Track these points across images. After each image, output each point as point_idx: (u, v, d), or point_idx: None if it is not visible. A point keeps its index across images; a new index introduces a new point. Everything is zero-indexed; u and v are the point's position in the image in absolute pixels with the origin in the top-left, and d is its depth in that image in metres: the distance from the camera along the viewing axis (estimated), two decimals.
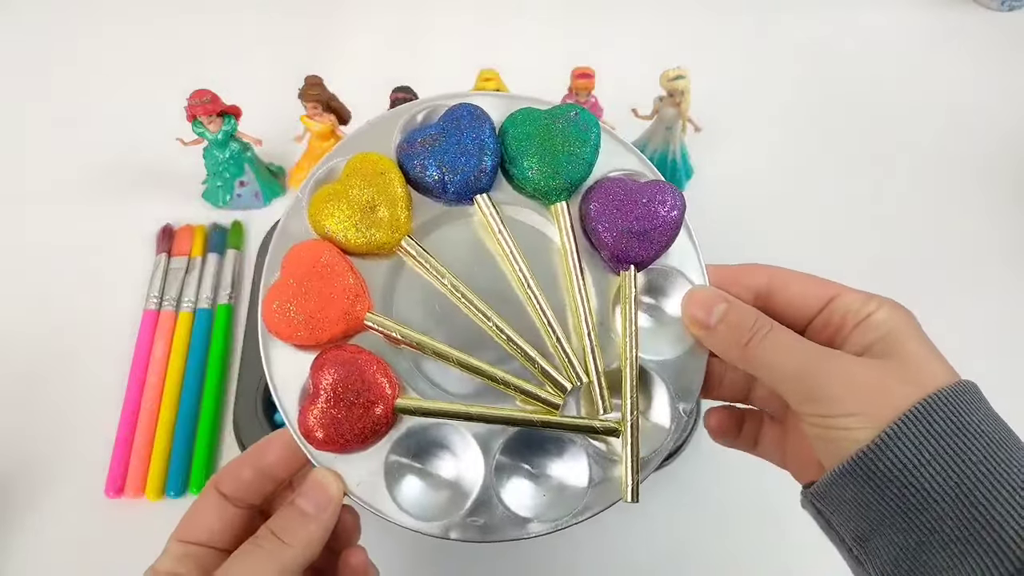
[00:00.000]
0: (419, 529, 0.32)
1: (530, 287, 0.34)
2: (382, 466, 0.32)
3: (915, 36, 0.78)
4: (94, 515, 0.51)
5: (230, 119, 0.59)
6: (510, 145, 0.35)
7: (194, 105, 0.56)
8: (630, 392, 0.33)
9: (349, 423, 0.31)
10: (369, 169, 0.34)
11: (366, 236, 0.33)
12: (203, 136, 0.59)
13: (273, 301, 0.32)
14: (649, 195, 0.35)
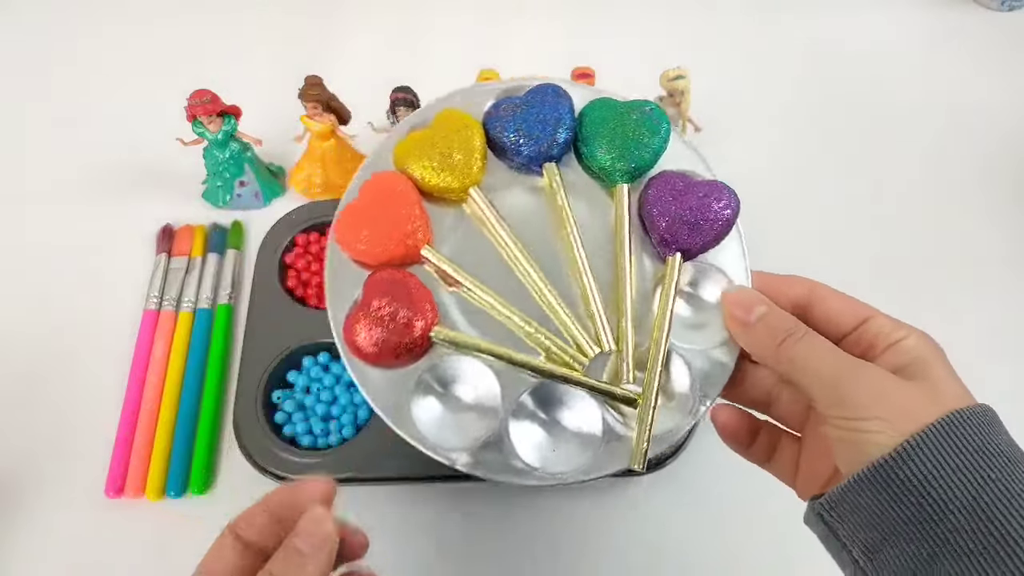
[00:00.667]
0: (431, 452, 0.34)
1: (580, 254, 0.36)
2: (407, 387, 0.35)
3: (915, 36, 0.78)
4: (94, 515, 0.51)
5: (230, 119, 0.59)
6: (586, 126, 0.38)
7: (194, 105, 0.56)
8: (657, 367, 0.34)
9: (388, 335, 0.34)
10: (455, 122, 0.38)
11: (439, 178, 0.37)
12: (203, 136, 0.59)
13: (347, 215, 0.36)
14: (706, 190, 0.37)
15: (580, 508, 0.51)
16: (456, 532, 0.51)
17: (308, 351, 0.55)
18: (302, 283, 0.58)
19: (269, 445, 0.51)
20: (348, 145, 0.62)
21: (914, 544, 0.28)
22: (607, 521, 0.51)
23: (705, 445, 0.53)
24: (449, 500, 0.52)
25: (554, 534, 0.51)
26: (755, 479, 0.52)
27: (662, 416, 0.35)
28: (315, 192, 0.63)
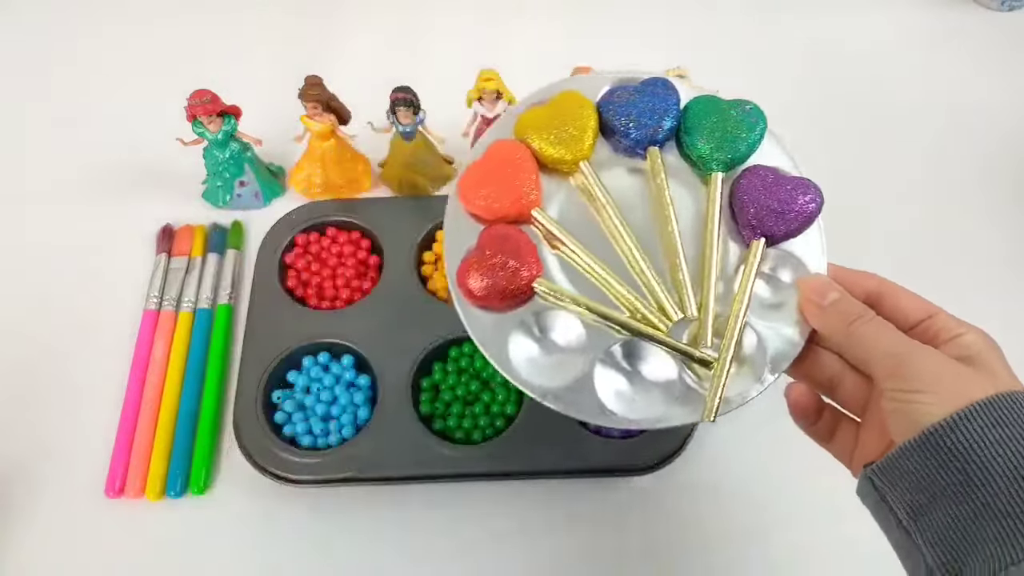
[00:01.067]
0: (524, 387, 0.38)
1: (675, 229, 0.40)
2: (510, 328, 0.39)
3: (915, 36, 0.78)
4: (94, 515, 0.51)
5: (230, 119, 0.59)
6: (690, 118, 0.42)
7: (194, 105, 0.56)
8: (734, 335, 0.38)
9: (496, 280, 0.38)
10: (572, 103, 0.42)
11: (554, 150, 0.41)
12: (203, 136, 0.59)
13: (470, 173, 0.41)
14: (794, 184, 0.40)
15: (581, 507, 0.51)
16: (456, 531, 0.51)
17: (308, 351, 0.55)
18: (302, 283, 0.58)
19: (269, 445, 0.51)
20: (348, 145, 0.62)
21: (957, 505, 0.30)
22: (608, 520, 0.51)
23: (706, 445, 0.54)
24: (449, 499, 0.52)
25: (554, 533, 0.51)
26: (756, 479, 0.53)
27: (733, 380, 0.38)
28: (315, 192, 0.63)
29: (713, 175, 0.41)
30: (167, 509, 0.51)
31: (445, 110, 0.60)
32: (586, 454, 0.50)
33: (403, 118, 0.58)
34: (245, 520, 0.51)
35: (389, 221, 0.61)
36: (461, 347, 0.55)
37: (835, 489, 0.53)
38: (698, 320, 0.39)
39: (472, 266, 0.39)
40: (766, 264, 0.40)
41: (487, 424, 0.52)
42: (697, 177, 0.42)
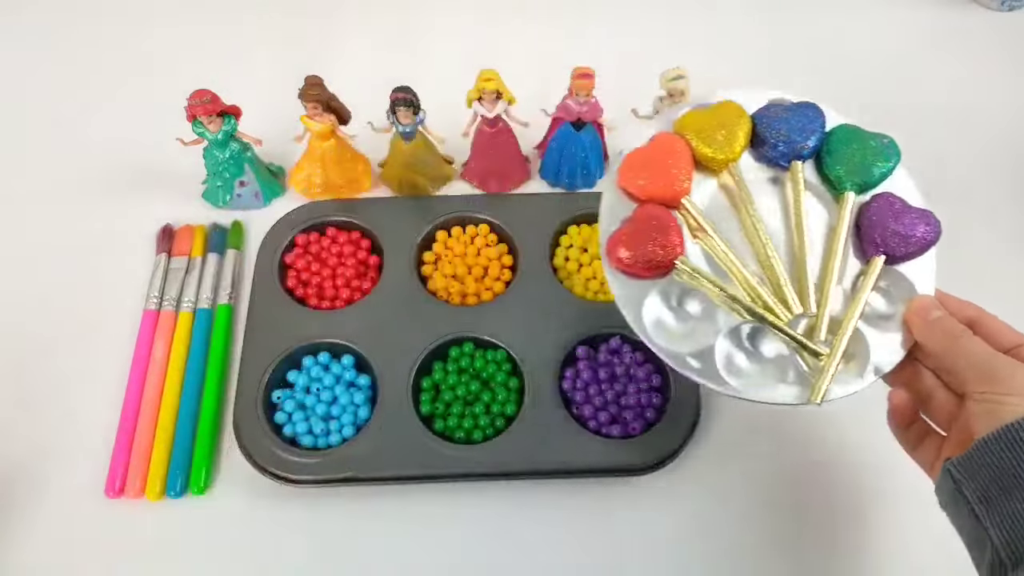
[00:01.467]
0: (659, 351, 0.43)
1: (805, 235, 0.45)
2: (651, 298, 0.44)
3: (915, 36, 0.78)
4: (94, 515, 0.51)
5: (230, 119, 0.59)
6: (833, 142, 0.48)
7: (194, 105, 0.56)
8: (847, 333, 0.43)
9: (643, 249, 0.43)
10: (730, 111, 0.48)
11: (708, 149, 0.46)
12: (203, 136, 0.59)
13: (633, 157, 0.47)
14: (919, 214, 0.46)
15: (581, 506, 0.52)
16: (456, 531, 0.51)
17: (308, 351, 0.55)
18: (302, 283, 0.58)
19: (269, 445, 0.51)
20: (348, 145, 0.62)
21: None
22: (608, 520, 0.51)
23: (706, 444, 0.54)
24: (449, 499, 0.52)
25: (554, 532, 0.51)
26: (755, 478, 0.53)
27: (840, 374, 0.43)
28: (315, 192, 0.63)
29: (846, 194, 0.46)
30: (167, 509, 0.51)
31: (445, 110, 0.60)
32: (586, 454, 0.50)
33: (403, 118, 0.58)
34: (245, 520, 0.51)
35: (389, 221, 0.61)
36: (461, 347, 0.55)
37: (834, 489, 0.53)
38: (816, 316, 0.44)
39: (624, 236, 0.44)
40: (882, 280, 0.45)
41: (487, 424, 0.52)
42: (829, 194, 0.48)
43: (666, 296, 0.45)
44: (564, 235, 0.61)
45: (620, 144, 0.66)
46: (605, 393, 0.53)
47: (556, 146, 0.62)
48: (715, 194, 0.48)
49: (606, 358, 0.55)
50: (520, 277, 0.58)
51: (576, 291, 0.58)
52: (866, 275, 0.45)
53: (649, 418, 0.52)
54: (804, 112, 0.48)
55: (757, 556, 0.51)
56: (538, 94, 0.59)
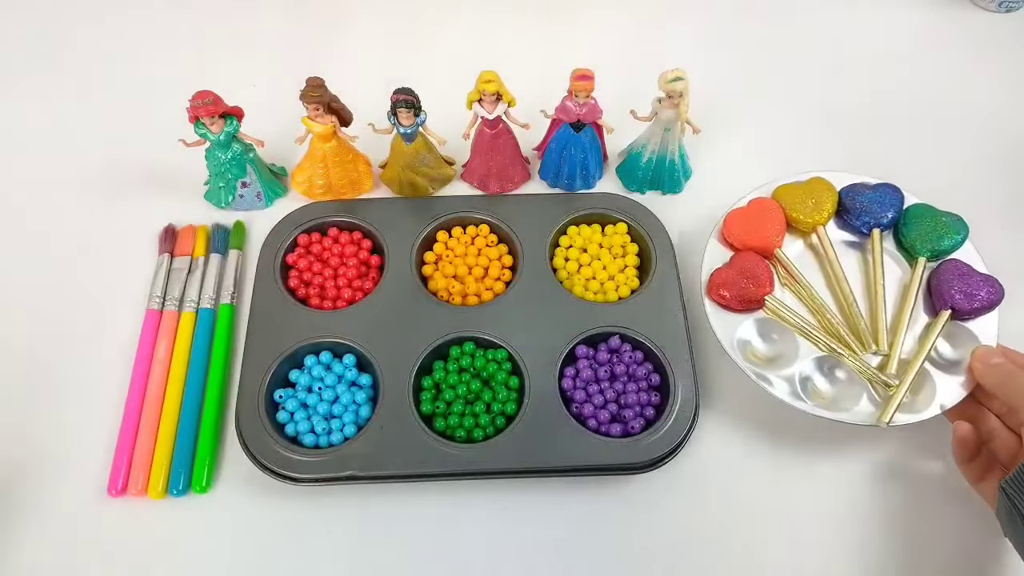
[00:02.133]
0: (749, 372, 0.52)
1: (882, 290, 0.56)
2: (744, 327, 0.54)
3: (914, 37, 0.78)
4: (97, 514, 0.51)
5: (232, 120, 0.59)
6: (910, 216, 0.58)
7: (196, 107, 0.57)
8: (915, 369, 0.52)
9: (740, 288, 0.54)
10: (820, 185, 0.60)
11: (799, 214, 0.58)
12: (205, 137, 0.59)
13: (736, 214, 0.58)
14: (984, 279, 0.55)
15: (581, 504, 0.52)
16: (456, 529, 0.51)
17: (310, 350, 0.55)
18: (304, 283, 0.59)
19: (271, 444, 0.51)
20: (350, 146, 0.62)
21: None
22: (607, 518, 0.52)
23: (705, 445, 0.54)
24: (449, 498, 0.52)
25: (554, 530, 0.51)
26: (754, 478, 0.53)
27: (908, 405, 0.51)
28: (317, 193, 0.63)
29: (920, 259, 0.57)
30: (170, 508, 0.52)
31: (446, 112, 0.60)
32: (586, 453, 0.51)
33: (404, 119, 0.58)
34: (247, 518, 0.51)
35: (390, 222, 0.61)
36: (462, 346, 0.55)
37: (833, 487, 0.53)
38: (888, 355, 0.53)
39: (723, 276, 0.55)
40: (950, 332, 0.54)
41: (488, 423, 0.52)
42: (904, 259, 0.58)
43: (757, 328, 0.54)
44: (564, 235, 0.61)
45: (619, 145, 0.66)
46: (605, 392, 0.53)
47: (556, 147, 0.62)
48: (803, 252, 0.59)
49: (606, 357, 0.55)
50: (520, 277, 0.58)
51: (576, 291, 0.58)
52: (934, 324, 0.54)
53: (649, 417, 0.53)
54: (885, 190, 0.58)
55: (758, 554, 0.51)
56: (538, 95, 0.60)
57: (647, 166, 0.64)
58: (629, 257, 0.61)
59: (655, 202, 0.63)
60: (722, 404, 0.55)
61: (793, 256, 0.58)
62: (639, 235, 0.61)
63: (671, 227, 0.61)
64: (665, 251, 0.59)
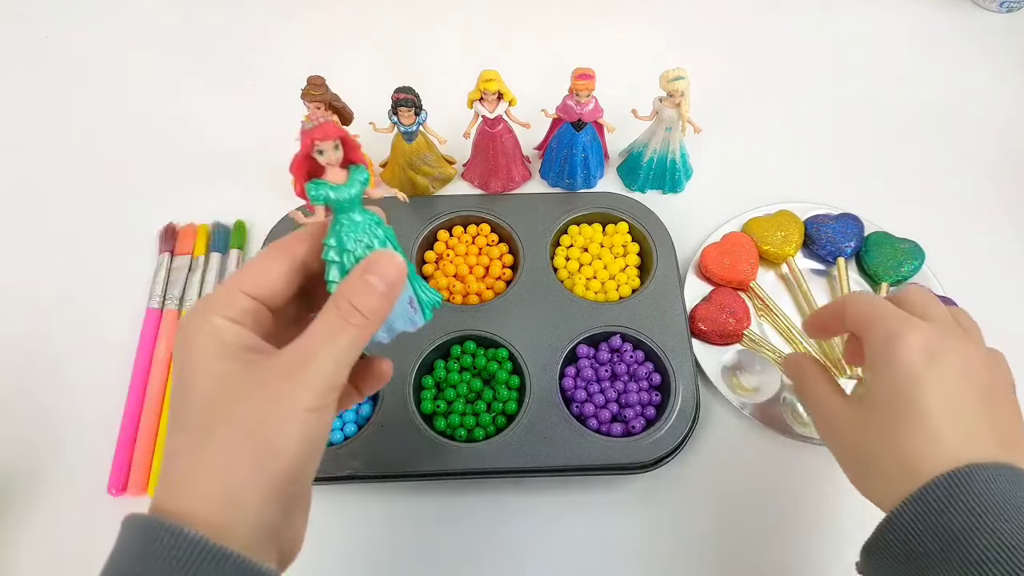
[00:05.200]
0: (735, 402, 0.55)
1: None
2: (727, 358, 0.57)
3: (915, 36, 0.78)
4: (97, 513, 0.51)
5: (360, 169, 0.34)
6: (871, 244, 0.61)
7: (315, 134, 0.33)
8: None
9: (719, 323, 0.57)
10: (787, 218, 0.62)
11: (771, 246, 0.61)
12: (326, 201, 0.33)
13: (711, 249, 0.60)
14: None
15: (582, 504, 0.52)
16: (457, 528, 0.51)
17: None
18: None
19: None
20: None
21: None
22: (607, 518, 0.52)
23: (703, 444, 0.54)
24: (450, 497, 0.52)
25: (554, 530, 0.51)
26: (754, 478, 0.53)
27: None
28: None
29: (883, 284, 0.59)
30: None
31: (446, 111, 0.60)
32: (587, 452, 0.51)
33: (405, 118, 0.58)
34: None
35: (391, 221, 0.60)
36: (463, 345, 0.55)
37: (832, 487, 0.53)
38: (861, 378, 0.54)
39: (703, 312, 0.57)
40: None
41: (489, 422, 0.52)
42: (869, 286, 0.60)
43: (738, 359, 0.57)
44: (565, 235, 0.61)
45: (620, 144, 0.66)
46: (606, 391, 0.53)
47: (556, 146, 0.62)
48: (775, 282, 0.61)
49: (607, 356, 0.55)
50: (521, 276, 0.58)
51: (577, 291, 0.58)
52: None
53: (650, 416, 0.53)
54: (846, 221, 0.61)
55: (758, 553, 0.51)
56: (539, 95, 0.60)
57: (648, 165, 0.64)
58: (630, 256, 0.60)
59: (656, 201, 0.63)
60: (723, 403, 0.55)
61: (766, 287, 0.60)
62: (640, 234, 0.61)
63: (672, 226, 0.61)
64: (666, 251, 0.59)
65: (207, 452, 0.28)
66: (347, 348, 0.30)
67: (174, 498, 0.28)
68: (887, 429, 0.35)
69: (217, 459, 0.28)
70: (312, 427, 0.29)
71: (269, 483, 0.28)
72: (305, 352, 0.30)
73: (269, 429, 0.28)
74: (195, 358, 0.30)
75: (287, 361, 0.29)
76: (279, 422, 0.28)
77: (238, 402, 0.29)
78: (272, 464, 0.28)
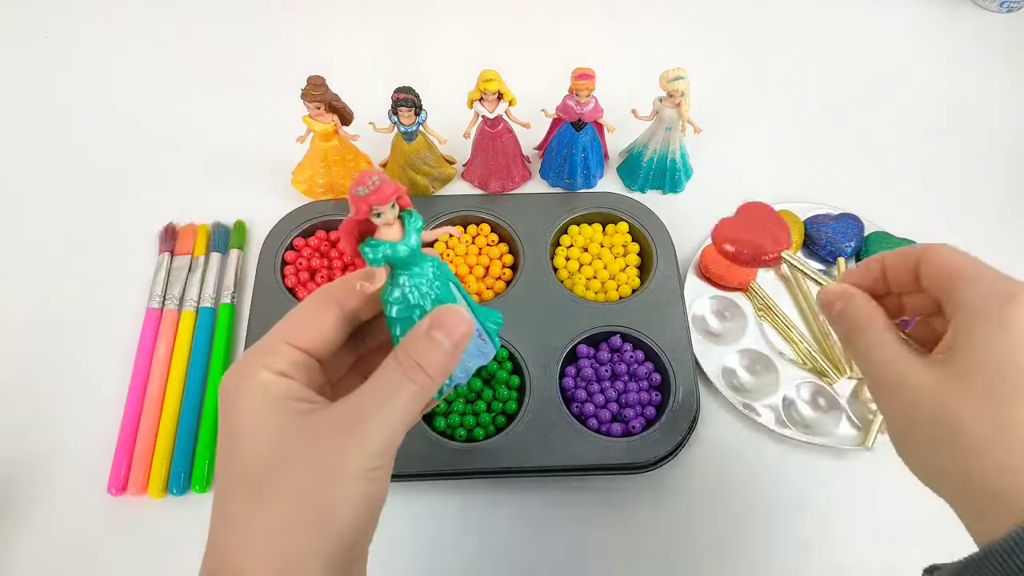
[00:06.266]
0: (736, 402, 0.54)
1: None
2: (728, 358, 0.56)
3: (915, 36, 0.78)
4: (97, 513, 0.51)
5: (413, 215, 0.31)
6: (869, 243, 0.60)
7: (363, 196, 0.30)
8: None
9: (754, 243, 0.41)
10: (789, 219, 0.60)
11: None
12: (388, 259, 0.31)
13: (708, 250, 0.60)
14: None
15: (582, 503, 0.52)
16: (456, 528, 0.51)
17: None
18: (304, 282, 0.59)
19: None
20: (351, 145, 0.62)
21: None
22: (608, 518, 0.51)
23: (703, 444, 0.54)
24: (449, 497, 0.52)
25: (554, 530, 0.51)
26: (754, 477, 0.53)
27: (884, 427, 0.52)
28: (318, 192, 0.63)
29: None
30: (169, 507, 0.51)
31: (446, 111, 0.60)
32: (587, 452, 0.51)
33: (405, 118, 0.58)
34: None
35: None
36: None
37: (832, 488, 0.53)
38: (862, 379, 0.54)
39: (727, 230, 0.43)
40: None
41: (488, 422, 0.52)
42: None
43: (740, 359, 0.56)
44: (565, 235, 0.61)
45: (620, 144, 0.66)
46: (606, 391, 0.53)
47: (556, 146, 0.62)
48: (775, 283, 0.61)
49: (607, 356, 0.55)
50: (521, 276, 0.58)
51: (577, 290, 0.58)
52: None
53: (649, 416, 0.53)
54: (846, 221, 0.61)
55: (758, 552, 0.51)
56: (539, 94, 0.60)
57: (648, 165, 0.64)
58: (630, 256, 0.60)
59: (656, 201, 0.63)
60: (723, 404, 0.55)
61: (766, 287, 0.60)
62: (640, 234, 0.61)
63: (672, 226, 0.61)
64: (666, 251, 0.59)
65: (260, 519, 0.27)
66: (406, 407, 0.28)
67: (228, 570, 0.27)
68: (992, 403, 0.28)
69: (271, 527, 0.27)
70: (369, 490, 0.28)
71: (327, 550, 0.27)
72: (362, 410, 0.28)
73: (325, 493, 0.27)
74: (244, 415, 0.28)
75: (342, 419, 0.28)
76: (335, 485, 0.27)
77: (291, 464, 0.27)
78: (329, 531, 0.27)
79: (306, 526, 0.27)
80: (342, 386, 0.32)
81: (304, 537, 0.27)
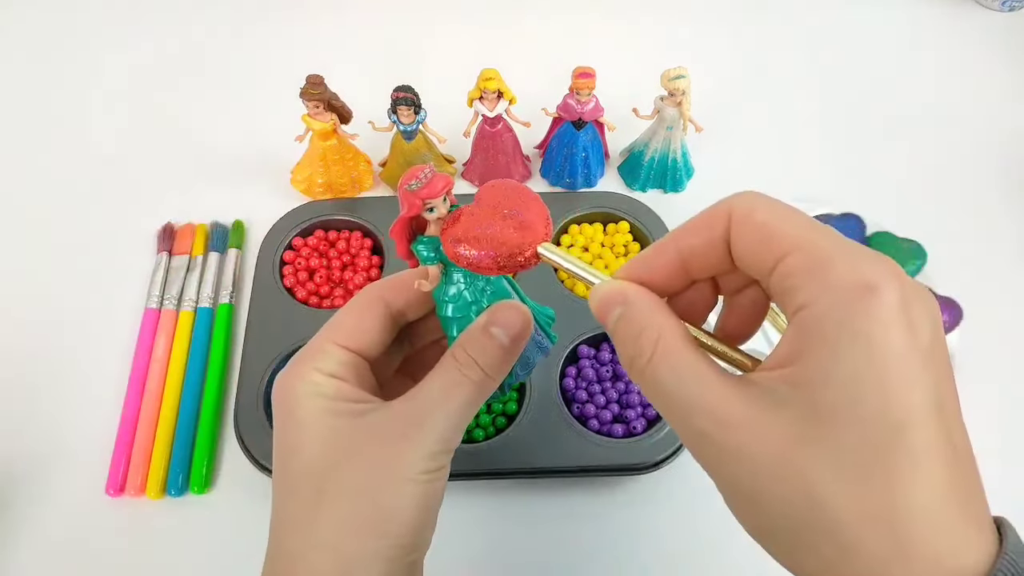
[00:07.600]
0: None
1: None
2: None
3: (916, 36, 0.78)
4: (95, 514, 0.51)
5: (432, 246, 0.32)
6: (872, 243, 0.58)
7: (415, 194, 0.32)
8: None
9: (492, 232, 0.28)
10: None
11: None
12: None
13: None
14: (944, 301, 0.56)
15: (583, 505, 0.51)
16: (456, 529, 0.51)
17: None
18: (303, 282, 0.58)
19: (270, 444, 0.50)
20: (350, 144, 0.62)
21: None
22: (608, 519, 0.51)
23: None
24: (449, 498, 0.51)
25: (555, 531, 0.51)
26: None
27: None
28: (317, 192, 0.63)
29: None
30: (168, 508, 0.51)
31: (446, 110, 0.60)
32: (588, 453, 0.50)
33: (404, 117, 0.58)
34: (246, 519, 0.51)
35: (390, 220, 0.60)
36: None
37: None
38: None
39: (461, 223, 0.31)
40: None
41: (488, 423, 0.52)
42: None
43: None
44: (565, 234, 0.61)
45: (621, 143, 0.66)
46: (607, 392, 0.53)
47: (557, 145, 0.62)
48: None
49: (608, 357, 0.55)
50: (521, 276, 0.58)
51: (577, 291, 0.58)
52: None
53: (651, 417, 0.52)
54: (847, 221, 0.60)
55: (759, 553, 0.50)
56: (539, 93, 0.60)
57: (649, 165, 0.64)
58: (631, 256, 0.60)
59: (657, 201, 0.63)
60: None
61: None
62: (641, 234, 0.60)
63: (673, 226, 0.60)
64: None
65: (320, 523, 0.27)
66: (464, 406, 0.28)
67: None
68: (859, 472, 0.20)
69: (331, 530, 0.27)
70: (427, 491, 0.27)
71: (387, 554, 0.27)
72: (419, 410, 0.28)
73: (383, 495, 0.27)
74: (299, 417, 0.28)
75: (399, 420, 0.28)
76: (394, 487, 0.27)
77: (348, 465, 0.27)
78: (389, 534, 0.27)
79: (366, 528, 0.26)
80: (390, 388, 0.32)
81: (365, 540, 0.26)
